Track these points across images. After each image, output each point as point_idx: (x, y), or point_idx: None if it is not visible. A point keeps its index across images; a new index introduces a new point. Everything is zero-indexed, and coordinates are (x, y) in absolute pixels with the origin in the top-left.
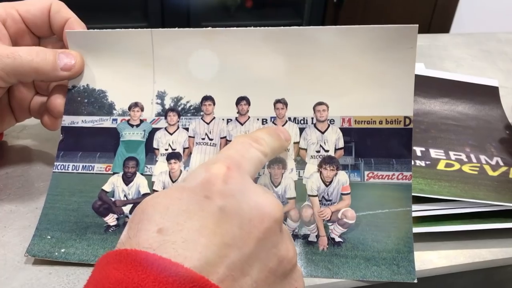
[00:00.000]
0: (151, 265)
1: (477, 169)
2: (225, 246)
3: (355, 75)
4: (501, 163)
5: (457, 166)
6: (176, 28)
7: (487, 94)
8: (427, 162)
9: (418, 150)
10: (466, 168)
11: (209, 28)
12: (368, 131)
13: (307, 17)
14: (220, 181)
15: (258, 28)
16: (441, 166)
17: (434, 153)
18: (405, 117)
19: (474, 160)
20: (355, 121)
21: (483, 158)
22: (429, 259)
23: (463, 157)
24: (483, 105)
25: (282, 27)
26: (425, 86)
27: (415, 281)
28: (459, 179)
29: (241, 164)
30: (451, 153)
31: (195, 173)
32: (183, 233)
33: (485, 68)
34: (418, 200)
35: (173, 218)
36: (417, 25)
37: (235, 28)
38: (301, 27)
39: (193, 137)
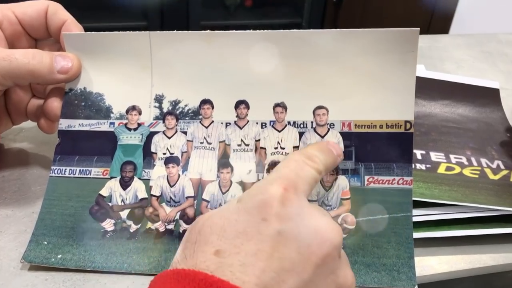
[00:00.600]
0: (209, 287)
1: (478, 172)
2: (283, 272)
3: (355, 79)
4: (502, 167)
5: (457, 169)
6: (175, 31)
7: (488, 96)
8: (428, 166)
9: (418, 153)
10: (467, 172)
11: (208, 30)
12: (368, 135)
13: (307, 17)
14: (278, 203)
15: (257, 31)
16: (441, 169)
17: (434, 156)
18: (406, 122)
19: (475, 163)
20: (355, 125)
21: (484, 161)
22: (430, 265)
23: (464, 160)
24: (484, 107)
25: (282, 30)
26: (426, 88)
27: (416, 287)
28: (460, 183)
29: (298, 184)
30: (452, 156)
31: (251, 193)
32: (241, 256)
33: (486, 69)
34: (419, 204)
35: (230, 240)
36: (418, 28)
37: (234, 31)
38: (301, 30)
39: (192, 141)
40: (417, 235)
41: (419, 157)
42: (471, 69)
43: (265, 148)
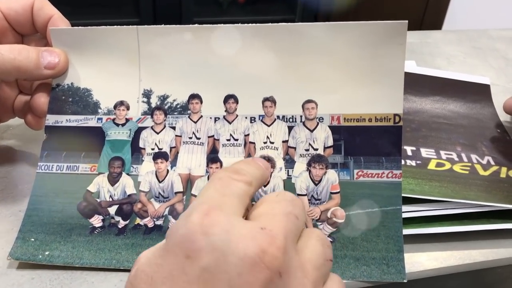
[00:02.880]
0: None
1: (468, 168)
2: None
3: (344, 72)
4: (492, 163)
5: (448, 165)
6: (163, 25)
7: (479, 92)
8: (418, 162)
9: (408, 149)
10: (457, 168)
11: (196, 25)
12: (358, 129)
13: (300, 13)
14: (199, 235)
15: (246, 24)
16: (432, 165)
17: (425, 152)
18: (395, 115)
19: (465, 159)
20: (344, 119)
21: (474, 157)
22: (419, 261)
23: (454, 156)
24: (474, 103)
25: (270, 24)
26: (417, 84)
27: (405, 280)
28: (450, 179)
29: (223, 204)
30: (442, 153)
31: (174, 228)
32: None
33: (477, 65)
34: (408, 200)
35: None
36: (407, 21)
37: (222, 24)
38: (290, 23)
39: (180, 136)
40: (406, 231)
41: (409, 153)
42: (462, 65)
43: (254, 143)
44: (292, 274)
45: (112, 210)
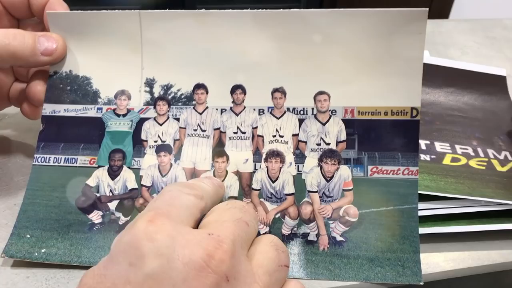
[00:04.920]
0: None
1: (485, 164)
2: None
3: (359, 63)
4: (510, 158)
5: (463, 160)
6: (166, 10)
7: (494, 84)
8: (432, 156)
9: (422, 143)
10: (473, 163)
11: (202, 10)
12: (372, 122)
13: (305, 0)
14: (144, 241)
15: (254, 10)
16: (447, 160)
17: (439, 146)
18: (412, 108)
19: (481, 154)
20: (359, 112)
21: (490, 152)
22: (435, 262)
23: (470, 151)
24: (490, 95)
25: (280, 10)
26: (430, 75)
27: (422, 283)
28: (466, 175)
29: (171, 213)
30: (457, 147)
31: (119, 237)
32: None
33: (492, 56)
34: (423, 197)
35: None
36: (427, 9)
37: (229, 10)
38: (301, 9)
39: (185, 128)
40: (422, 230)
41: (423, 147)
42: (477, 55)
43: (262, 136)
44: (241, 279)
45: (113, 205)
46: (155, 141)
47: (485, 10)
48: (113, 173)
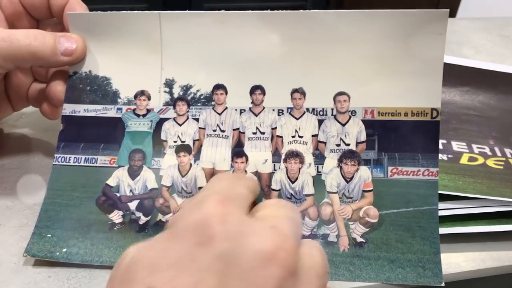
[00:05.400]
0: None
1: (503, 163)
2: None
3: (379, 63)
4: None
5: (481, 160)
6: (186, 11)
7: (510, 83)
8: (449, 156)
9: (439, 142)
10: (490, 163)
11: (222, 11)
12: (393, 123)
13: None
14: (217, 221)
15: (274, 11)
16: (464, 160)
17: (456, 146)
18: (432, 109)
19: (498, 153)
20: (379, 112)
21: (508, 151)
22: (456, 262)
23: (487, 150)
24: (506, 94)
25: (301, 11)
26: (444, 73)
27: (443, 284)
28: (484, 174)
29: (235, 199)
30: (474, 146)
31: (183, 214)
32: None
33: (506, 54)
34: (441, 197)
35: (162, 275)
36: (448, 10)
37: (249, 11)
38: (322, 11)
39: (204, 128)
40: (441, 230)
41: (440, 146)
42: (491, 54)
43: (282, 137)
44: (302, 277)
45: (133, 205)
46: (175, 142)
47: (493, 9)
48: (133, 173)
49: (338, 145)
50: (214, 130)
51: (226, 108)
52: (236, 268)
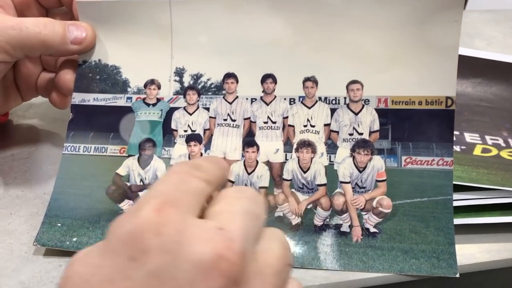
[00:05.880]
0: None
1: None
2: None
3: (393, 51)
4: None
5: (494, 151)
6: None
7: None
8: (463, 147)
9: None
10: (504, 154)
11: None
12: (406, 112)
13: None
14: (150, 233)
15: None
16: (477, 151)
17: (469, 137)
18: (447, 98)
19: None
20: (392, 101)
21: None
22: (471, 253)
23: (501, 141)
24: None
25: None
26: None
27: (457, 275)
28: (498, 165)
29: (179, 201)
30: (487, 138)
31: (119, 223)
32: None
33: None
34: (455, 188)
35: None
36: None
37: None
38: None
39: (215, 117)
40: (455, 221)
41: None
42: (503, 46)
43: (293, 126)
44: (250, 282)
45: (143, 194)
46: (185, 131)
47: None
48: (144, 162)
49: (351, 134)
50: (225, 120)
51: (237, 97)
52: (173, 284)
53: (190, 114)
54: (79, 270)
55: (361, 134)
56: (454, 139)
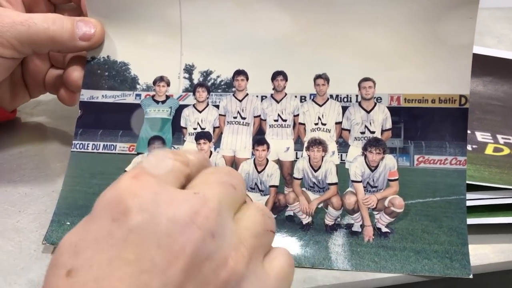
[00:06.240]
0: None
1: None
2: (144, 274)
3: (406, 48)
4: None
5: (506, 150)
6: None
7: None
8: (474, 146)
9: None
10: None
11: None
12: (419, 110)
13: None
14: (128, 195)
15: None
16: (489, 150)
17: (480, 136)
18: (461, 96)
19: None
20: (405, 99)
21: None
22: (484, 254)
23: None
24: None
25: None
26: None
27: (471, 276)
28: (510, 165)
29: (156, 173)
30: (499, 137)
31: (102, 195)
32: (94, 270)
33: None
34: (467, 188)
35: (82, 255)
36: None
37: None
38: None
39: (224, 115)
40: (468, 221)
41: None
42: None
43: (304, 124)
44: (227, 238)
45: None
46: (195, 129)
47: None
48: None
49: (362, 132)
50: (235, 117)
51: (247, 94)
52: (152, 239)
53: (200, 112)
54: (68, 238)
55: (373, 132)
56: None
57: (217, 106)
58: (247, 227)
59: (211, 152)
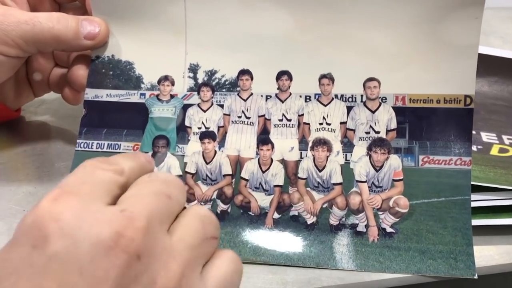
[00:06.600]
0: None
1: None
2: None
3: (411, 48)
4: None
5: None
6: None
7: None
8: (479, 147)
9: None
10: None
11: None
12: (424, 110)
13: None
14: (48, 219)
15: None
16: (494, 151)
17: (485, 136)
18: (466, 96)
19: None
20: (410, 99)
21: None
22: (489, 255)
23: None
24: None
25: None
26: None
27: (476, 276)
28: None
29: (81, 190)
30: (504, 137)
31: (22, 218)
32: None
33: None
34: (472, 188)
35: (3, 285)
36: None
37: None
38: None
39: (229, 115)
40: (473, 222)
41: None
42: None
43: (309, 124)
44: (156, 257)
45: None
46: (199, 128)
47: None
48: (157, 160)
49: (367, 132)
50: (239, 117)
51: (252, 94)
52: (74, 265)
53: (204, 111)
54: None
55: (378, 132)
56: None
57: (222, 106)
58: (181, 239)
59: (215, 152)
